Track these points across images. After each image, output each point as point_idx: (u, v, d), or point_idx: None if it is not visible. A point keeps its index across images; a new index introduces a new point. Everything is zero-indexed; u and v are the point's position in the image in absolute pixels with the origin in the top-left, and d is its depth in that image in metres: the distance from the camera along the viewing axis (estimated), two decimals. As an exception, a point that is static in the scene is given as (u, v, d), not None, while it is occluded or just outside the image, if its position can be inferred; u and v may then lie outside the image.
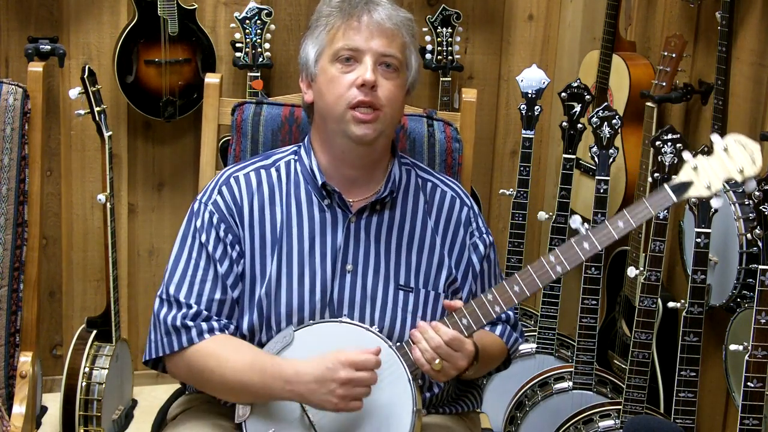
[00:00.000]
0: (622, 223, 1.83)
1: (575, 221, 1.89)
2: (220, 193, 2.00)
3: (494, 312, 1.89)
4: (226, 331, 1.95)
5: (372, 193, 2.02)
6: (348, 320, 1.94)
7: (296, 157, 2.06)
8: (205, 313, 1.93)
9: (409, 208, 2.04)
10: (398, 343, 1.92)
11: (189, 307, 1.93)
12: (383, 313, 1.99)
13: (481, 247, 2.09)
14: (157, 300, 1.97)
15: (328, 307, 1.97)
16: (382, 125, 1.96)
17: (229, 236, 1.97)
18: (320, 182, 1.99)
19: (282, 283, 1.96)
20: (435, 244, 2.03)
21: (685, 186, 1.84)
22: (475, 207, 2.12)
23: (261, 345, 1.95)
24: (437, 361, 1.85)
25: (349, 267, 1.99)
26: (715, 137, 1.86)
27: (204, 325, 1.92)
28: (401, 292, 2.00)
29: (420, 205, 2.05)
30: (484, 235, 2.10)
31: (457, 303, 1.90)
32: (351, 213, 2.00)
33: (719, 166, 1.83)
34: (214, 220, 1.98)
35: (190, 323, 1.92)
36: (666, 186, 1.84)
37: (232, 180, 2.02)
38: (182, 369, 1.95)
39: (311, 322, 1.95)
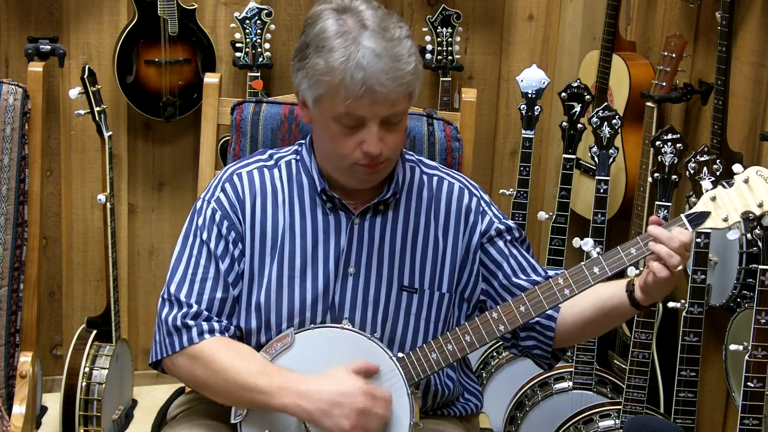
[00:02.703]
0: (635, 250, 1.83)
1: (587, 244, 1.88)
2: (223, 190, 1.99)
3: (498, 331, 1.89)
4: (227, 333, 1.93)
5: (375, 195, 2.00)
6: (349, 327, 1.93)
7: (297, 157, 2.04)
8: (205, 313, 1.93)
9: (413, 206, 2.02)
10: (399, 354, 1.91)
11: (190, 306, 1.92)
12: (385, 316, 1.98)
13: (506, 233, 2.04)
14: (160, 300, 1.96)
15: (330, 310, 1.96)
16: (387, 169, 1.95)
17: (232, 233, 1.96)
18: (320, 188, 1.97)
19: (283, 285, 1.95)
20: (439, 242, 2.01)
21: (702, 216, 1.83)
22: (486, 197, 2.08)
23: (259, 346, 1.94)
24: (681, 267, 1.79)
25: (351, 270, 1.97)
26: (737, 167, 1.85)
27: (205, 325, 1.91)
28: (405, 294, 1.99)
29: (424, 202, 2.03)
30: (504, 221, 2.05)
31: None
32: (354, 215, 1.99)
33: (738, 197, 1.82)
34: (217, 218, 1.97)
35: (191, 323, 1.91)
36: (682, 216, 1.83)
37: (235, 177, 2.00)
38: (183, 370, 1.93)
39: (312, 326, 1.94)
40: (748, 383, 2.30)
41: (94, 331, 3.08)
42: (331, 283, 1.96)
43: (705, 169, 2.52)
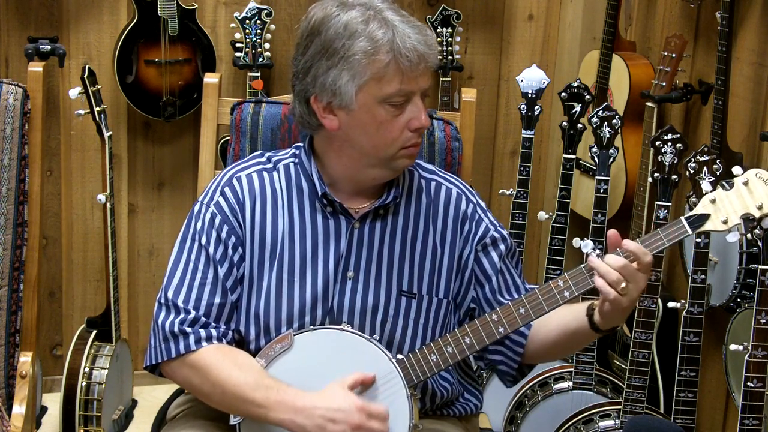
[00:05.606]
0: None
1: (587, 246, 1.88)
2: (222, 194, 1.98)
3: (498, 333, 1.89)
4: (224, 340, 1.93)
5: (375, 199, 1.99)
6: (349, 328, 1.92)
7: (296, 161, 2.03)
8: (203, 319, 1.92)
9: (412, 211, 2.02)
10: (399, 356, 1.91)
11: (187, 312, 1.91)
12: (384, 321, 1.97)
13: (500, 242, 2.04)
14: (156, 304, 1.95)
15: (329, 315, 1.95)
16: (419, 148, 1.97)
17: (232, 238, 1.95)
18: (320, 192, 1.97)
19: (282, 289, 1.95)
20: (437, 248, 2.01)
21: (702, 219, 1.83)
22: (483, 204, 2.08)
23: (259, 351, 1.93)
24: (623, 284, 1.78)
25: (350, 274, 1.97)
26: (736, 170, 1.86)
27: (202, 332, 1.91)
28: (404, 299, 1.98)
29: (423, 207, 2.03)
30: (500, 229, 2.06)
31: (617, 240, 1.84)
32: (354, 219, 1.98)
33: (738, 200, 1.83)
34: (216, 222, 1.95)
35: (188, 329, 1.90)
36: (682, 219, 1.83)
37: (234, 180, 1.99)
38: (180, 376, 1.93)
39: (311, 327, 1.93)
40: (748, 383, 2.30)
41: (94, 331, 3.08)
42: (330, 287, 1.96)
43: (705, 169, 2.52)
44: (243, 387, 1.85)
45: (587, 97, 3.05)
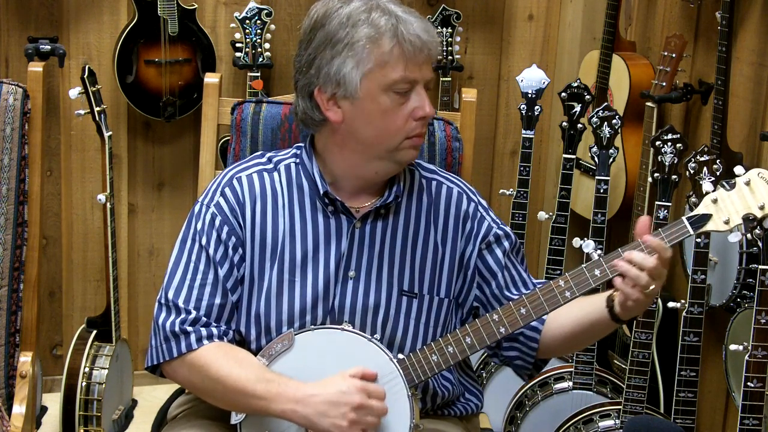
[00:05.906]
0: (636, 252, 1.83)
1: (588, 246, 1.88)
2: (223, 194, 1.98)
3: (499, 333, 1.89)
4: (225, 338, 1.93)
5: (376, 198, 1.99)
6: (350, 328, 1.92)
7: (297, 161, 2.03)
8: (204, 319, 1.92)
9: (413, 211, 2.02)
10: (399, 356, 1.91)
11: (188, 312, 1.91)
12: (385, 321, 1.97)
13: (504, 239, 2.05)
14: (157, 305, 1.95)
15: (330, 314, 1.95)
16: (422, 141, 1.98)
17: (232, 239, 1.95)
18: (322, 191, 1.97)
19: (283, 289, 1.95)
20: (438, 247, 2.01)
21: (704, 219, 1.84)
22: (484, 202, 2.08)
23: (259, 350, 1.93)
24: (652, 287, 1.79)
25: (351, 274, 1.97)
26: (738, 170, 1.86)
27: (203, 331, 1.91)
28: (405, 298, 1.98)
29: (424, 206, 2.03)
30: (502, 226, 2.06)
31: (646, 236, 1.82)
32: (355, 219, 1.98)
33: (739, 200, 1.83)
34: (216, 223, 1.95)
35: (189, 329, 1.90)
36: (684, 219, 1.84)
37: (234, 181, 1.99)
38: (181, 375, 1.93)
39: (312, 327, 1.93)
40: (748, 383, 2.30)
41: (94, 331, 3.08)
42: (332, 286, 1.96)
43: (705, 169, 2.52)
44: (244, 381, 1.85)
45: (587, 97, 3.05)
